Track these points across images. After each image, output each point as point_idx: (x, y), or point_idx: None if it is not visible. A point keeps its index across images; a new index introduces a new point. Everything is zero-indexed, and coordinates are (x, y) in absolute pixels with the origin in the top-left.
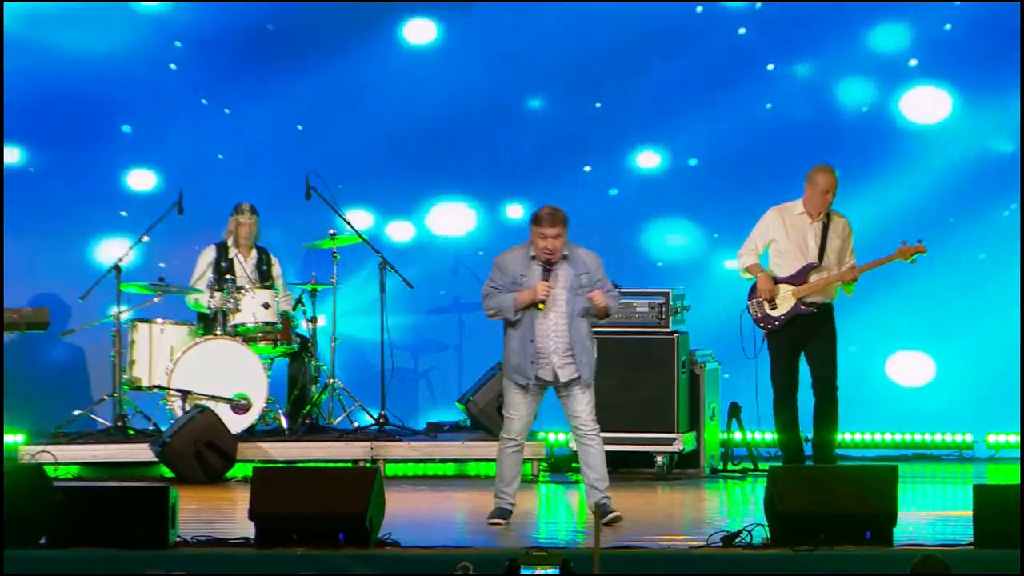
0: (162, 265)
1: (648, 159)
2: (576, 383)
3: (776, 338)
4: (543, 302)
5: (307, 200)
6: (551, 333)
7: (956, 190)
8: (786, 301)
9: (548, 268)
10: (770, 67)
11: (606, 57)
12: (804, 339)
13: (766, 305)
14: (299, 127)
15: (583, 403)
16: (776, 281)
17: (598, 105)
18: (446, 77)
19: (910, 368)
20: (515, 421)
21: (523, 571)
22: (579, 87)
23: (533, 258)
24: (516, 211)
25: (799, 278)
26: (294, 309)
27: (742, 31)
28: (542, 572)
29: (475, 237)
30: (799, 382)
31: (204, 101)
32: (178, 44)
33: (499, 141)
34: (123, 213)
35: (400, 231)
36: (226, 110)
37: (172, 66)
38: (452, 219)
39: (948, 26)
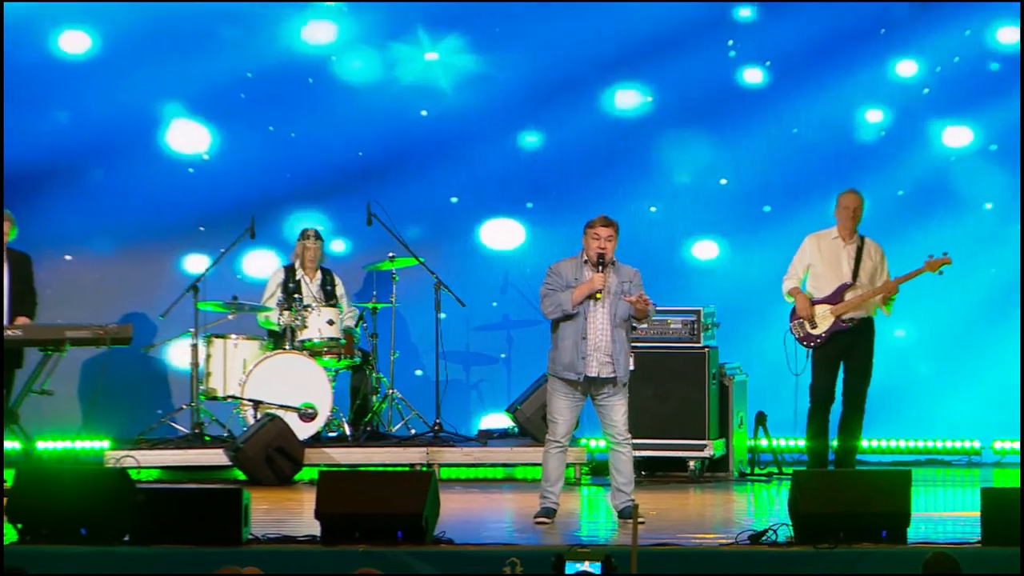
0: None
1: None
2: (611, 383)
3: (820, 353)
4: (600, 291)
5: (368, 226)
6: (599, 331)
7: None
8: (825, 320)
9: (601, 266)
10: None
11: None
12: (846, 353)
13: (807, 324)
14: (360, 153)
15: (619, 412)
16: (814, 303)
17: None
18: (483, 105)
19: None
20: (559, 424)
21: (568, 566)
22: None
23: (586, 262)
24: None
25: (836, 297)
26: (357, 325)
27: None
28: (586, 568)
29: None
30: (834, 395)
31: (271, 128)
32: (249, 75)
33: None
34: (201, 228)
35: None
36: (292, 134)
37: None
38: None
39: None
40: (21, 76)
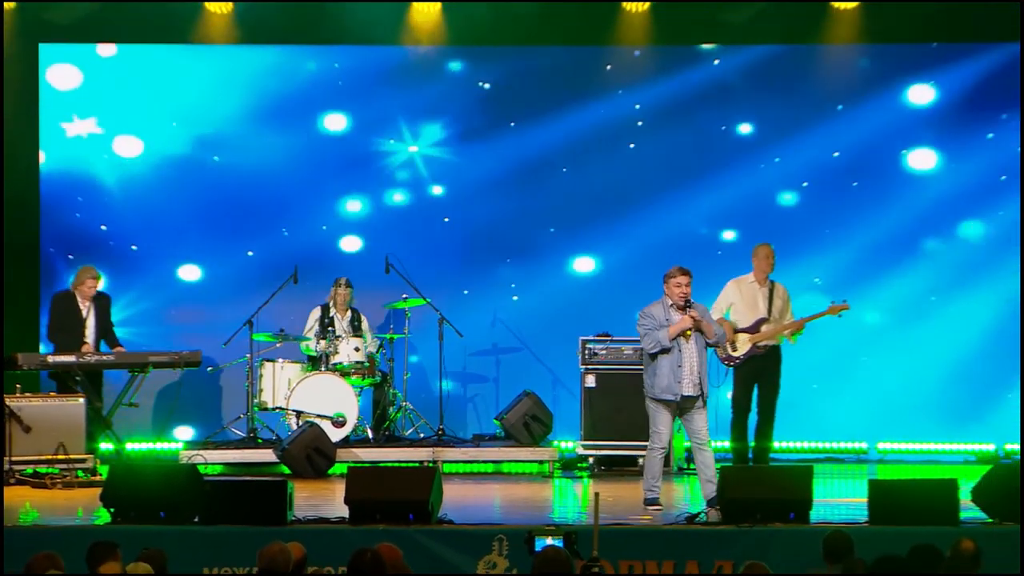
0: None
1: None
2: (699, 399)
3: (739, 373)
4: (690, 329)
5: (386, 274)
6: (689, 359)
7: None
8: (744, 345)
9: (686, 307)
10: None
11: None
12: (760, 373)
13: (729, 347)
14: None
15: (701, 422)
16: (736, 331)
17: None
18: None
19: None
20: (663, 434)
21: (537, 541)
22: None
23: (671, 305)
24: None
25: (754, 328)
26: (377, 352)
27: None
28: (550, 542)
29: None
30: (751, 405)
31: None
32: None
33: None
34: (249, 252)
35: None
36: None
37: None
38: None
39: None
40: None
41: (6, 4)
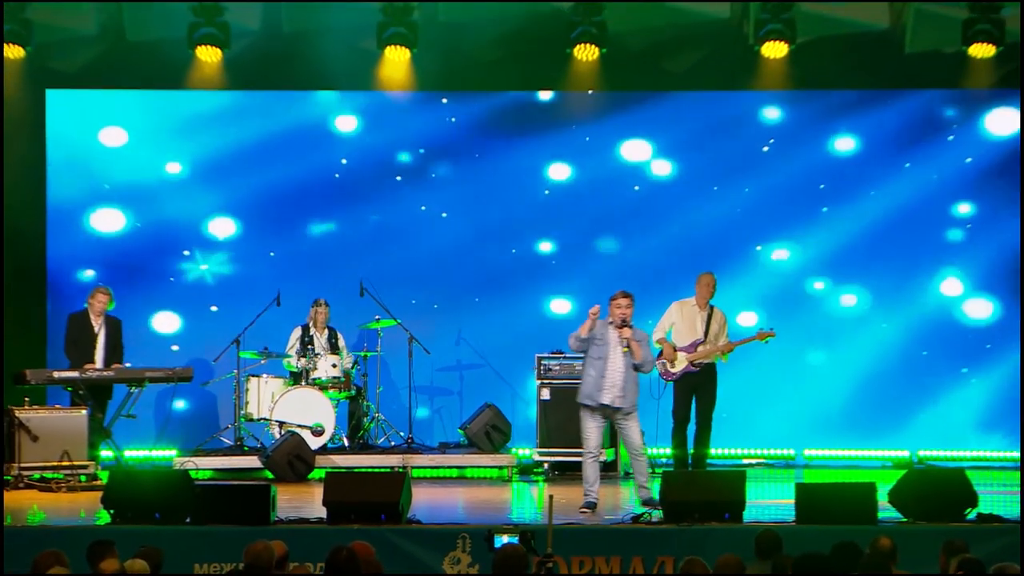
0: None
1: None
2: (623, 411)
3: (676, 387)
4: (625, 348)
5: (361, 297)
6: (613, 372)
7: None
8: (681, 363)
9: (623, 326)
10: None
11: None
12: (697, 388)
13: (667, 364)
14: (355, 244)
15: (632, 432)
16: (676, 350)
17: None
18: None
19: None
20: (590, 440)
21: (495, 539)
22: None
23: (611, 323)
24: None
25: (691, 349)
26: (353, 368)
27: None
28: (506, 539)
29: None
30: (690, 416)
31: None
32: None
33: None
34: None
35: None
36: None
37: None
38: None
39: None
40: None
41: (17, 53)
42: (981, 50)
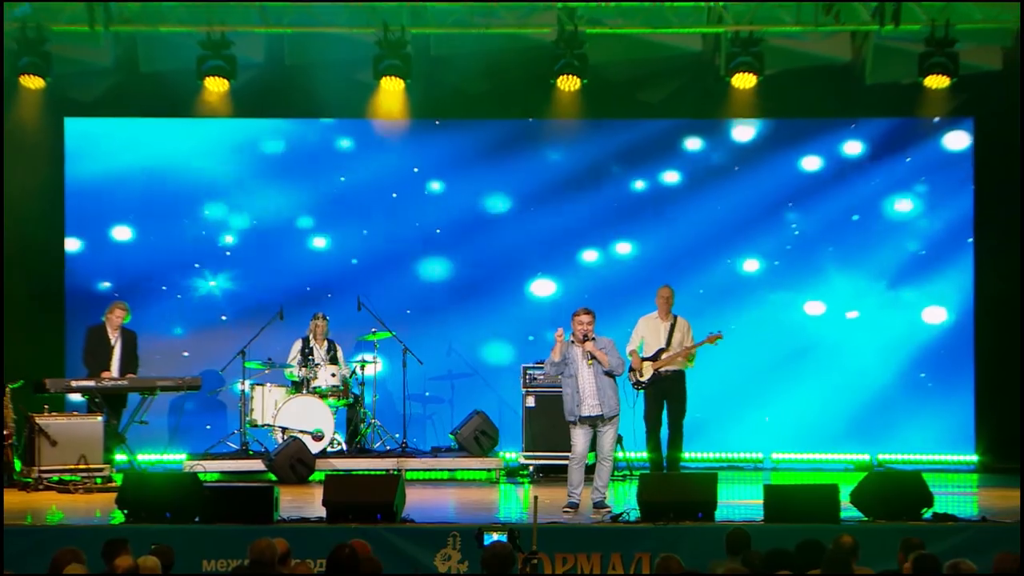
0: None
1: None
2: (602, 418)
3: (647, 394)
4: (590, 360)
5: (358, 311)
6: (585, 385)
7: None
8: (648, 371)
9: (584, 340)
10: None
11: None
12: (666, 393)
13: (637, 374)
14: (353, 261)
15: (606, 440)
16: (643, 360)
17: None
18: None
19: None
20: (576, 447)
21: (485, 537)
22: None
23: (572, 341)
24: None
25: (655, 357)
26: (351, 377)
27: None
28: (496, 537)
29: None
30: (662, 421)
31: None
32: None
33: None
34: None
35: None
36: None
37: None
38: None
39: None
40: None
41: (37, 83)
42: (936, 81)
